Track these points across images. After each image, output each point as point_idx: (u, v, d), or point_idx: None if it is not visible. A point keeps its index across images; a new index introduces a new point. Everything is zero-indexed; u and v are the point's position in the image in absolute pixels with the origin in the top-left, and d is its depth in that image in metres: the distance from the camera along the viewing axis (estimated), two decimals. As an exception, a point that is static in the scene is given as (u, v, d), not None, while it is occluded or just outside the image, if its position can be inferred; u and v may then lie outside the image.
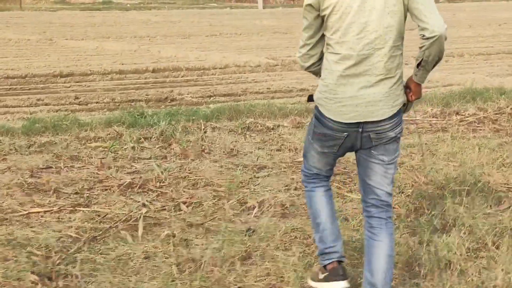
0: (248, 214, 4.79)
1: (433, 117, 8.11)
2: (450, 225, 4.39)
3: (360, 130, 3.09)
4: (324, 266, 3.44)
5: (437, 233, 4.25)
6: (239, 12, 32.87)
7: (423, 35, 2.93)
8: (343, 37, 3.04)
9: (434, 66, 3.04)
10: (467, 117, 8.10)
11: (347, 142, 3.16)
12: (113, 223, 4.51)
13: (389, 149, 3.15)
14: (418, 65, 3.03)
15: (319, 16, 3.11)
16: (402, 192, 5.15)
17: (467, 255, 3.98)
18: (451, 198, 4.79)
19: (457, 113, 8.26)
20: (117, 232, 4.36)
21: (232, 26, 23.28)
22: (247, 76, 12.68)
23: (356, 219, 4.58)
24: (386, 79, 3.06)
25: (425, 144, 6.69)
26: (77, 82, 11.94)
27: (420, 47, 2.97)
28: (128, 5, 37.05)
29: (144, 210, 4.62)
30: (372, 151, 3.14)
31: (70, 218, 4.63)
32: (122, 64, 14.00)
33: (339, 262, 3.43)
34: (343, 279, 3.38)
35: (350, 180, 5.55)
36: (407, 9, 3.01)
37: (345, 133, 3.11)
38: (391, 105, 3.07)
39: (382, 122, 3.08)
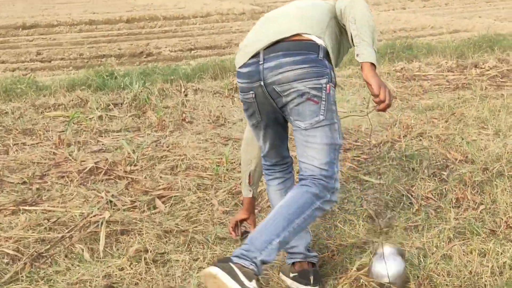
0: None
1: (449, 72, 7.03)
2: (509, 225, 3.35)
3: (262, 83, 2.70)
4: (293, 264, 2.96)
5: (494, 238, 3.22)
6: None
7: (340, 10, 2.75)
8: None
9: (372, 36, 2.64)
10: (488, 70, 7.04)
11: (263, 106, 2.78)
12: (66, 231, 3.43)
13: (303, 111, 2.68)
14: (352, 40, 2.69)
15: None
16: (435, 176, 4.10)
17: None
18: (502, 185, 3.76)
19: (476, 66, 7.18)
20: (71, 245, 3.28)
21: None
22: (231, 25, 11.46)
23: (383, 216, 3.55)
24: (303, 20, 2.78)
25: (447, 106, 5.64)
26: (41, 34, 10.70)
27: (344, 20, 2.74)
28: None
29: (107, 214, 3.52)
30: (290, 117, 2.74)
31: (10, 223, 3.54)
32: (93, 13, 12.74)
33: (312, 264, 2.95)
34: (313, 286, 2.84)
35: (365, 157, 4.50)
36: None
37: (251, 92, 2.77)
38: (299, 25, 2.72)
39: (284, 67, 2.65)
